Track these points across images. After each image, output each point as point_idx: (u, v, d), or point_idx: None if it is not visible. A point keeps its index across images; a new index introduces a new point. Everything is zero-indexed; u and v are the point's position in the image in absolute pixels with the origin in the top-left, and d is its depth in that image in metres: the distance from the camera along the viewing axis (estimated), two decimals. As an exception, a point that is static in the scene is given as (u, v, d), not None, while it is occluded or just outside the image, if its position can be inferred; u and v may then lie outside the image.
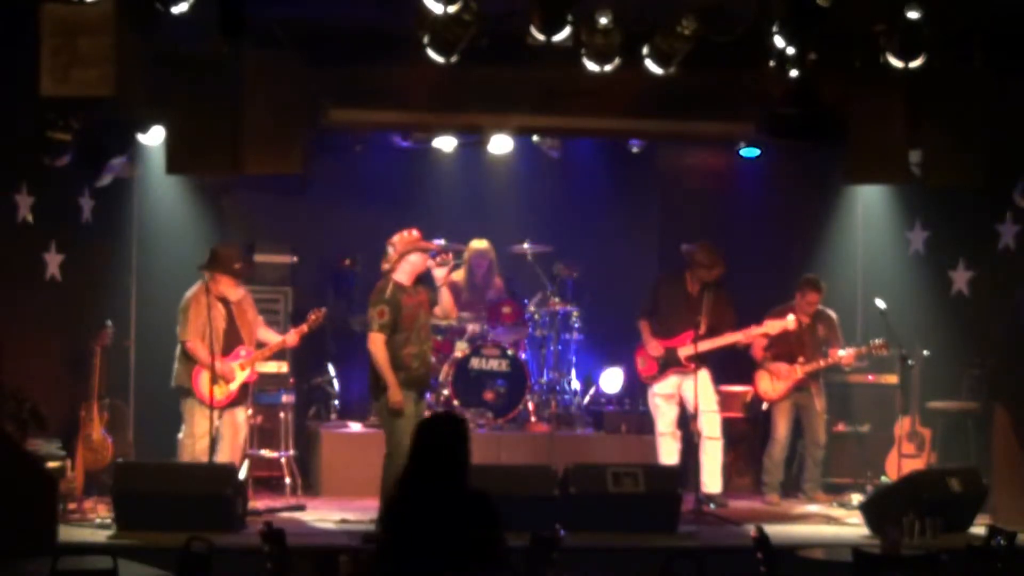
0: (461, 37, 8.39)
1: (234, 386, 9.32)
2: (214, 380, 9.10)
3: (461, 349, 10.96)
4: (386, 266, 8.58)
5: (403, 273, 8.50)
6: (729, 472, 10.45)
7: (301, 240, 11.57)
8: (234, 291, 9.41)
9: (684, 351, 9.87)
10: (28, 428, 8.83)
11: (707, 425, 9.82)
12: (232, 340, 9.38)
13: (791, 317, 10.02)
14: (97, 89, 7.96)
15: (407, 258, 8.51)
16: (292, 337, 9.59)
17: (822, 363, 10.25)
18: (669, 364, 9.95)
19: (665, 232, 12.10)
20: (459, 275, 11.17)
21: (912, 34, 8.51)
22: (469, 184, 12.10)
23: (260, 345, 9.57)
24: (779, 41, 8.51)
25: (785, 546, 7.28)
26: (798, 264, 11.09)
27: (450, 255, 8.79)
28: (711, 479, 9.87)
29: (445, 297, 8.67)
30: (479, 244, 11.39)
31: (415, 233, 8.65)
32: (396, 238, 8.60)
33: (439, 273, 8.59)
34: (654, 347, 9.96)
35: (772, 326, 10.01)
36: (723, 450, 9.97)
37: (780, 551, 6.71)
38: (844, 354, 10.19)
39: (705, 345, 9.79)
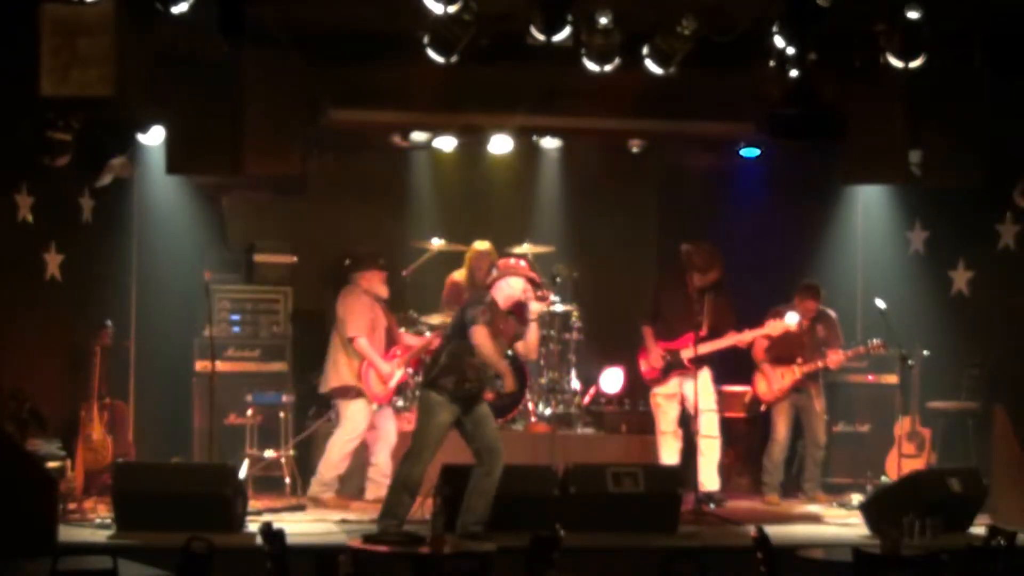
0: (461, 37, 8.40)
1: (392, 384, 9.56)
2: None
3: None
4: (487, 281, 8.53)
5: (500, 295, 8.43)
6: (729, 472, 10.45)
7: (301, 240, 11.58)
8: (384, 287, 9.67)
9: (686, 353, 9.86)
10: (28, 428, 8.83)
11: (705, 424, 9.82)
12: (389, 340, 9.63)
13: (793, 317, 10.00)
14: (97, 89, 7.97)
15: (507, 280, 8.40)
16: (436, 340, 9.80)
17: (820, 364, 10.25)
18: (672, 367, 9.94)
19: (665, 232, 12.11)
20: (461, 275, 11.16)
21: (912, 34, 8.52)
22: (469, 184, 12.11)
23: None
24: (779, 41, 8.52)
25: (785, 546, 7.28)
26: (798, 264, 11.10)
27: (549, 293, 8.67)
28: (708, 477, 9.87)
29: (533, 333, 8.50)
30: (481, 245, 11.38)
31: (523, 263, 8.57)
32: (502, 261, 8.61)
33: (535, 307, 8.49)
34: (656, 358, 9.94)
35: (774, 327, 10.00)
36: (720, 448, 9.97)
37: (780, 551, 6.71)
38: (833, 364, 10.21)
39: (707, 347, 9.79)
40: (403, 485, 8.23)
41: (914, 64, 8.61)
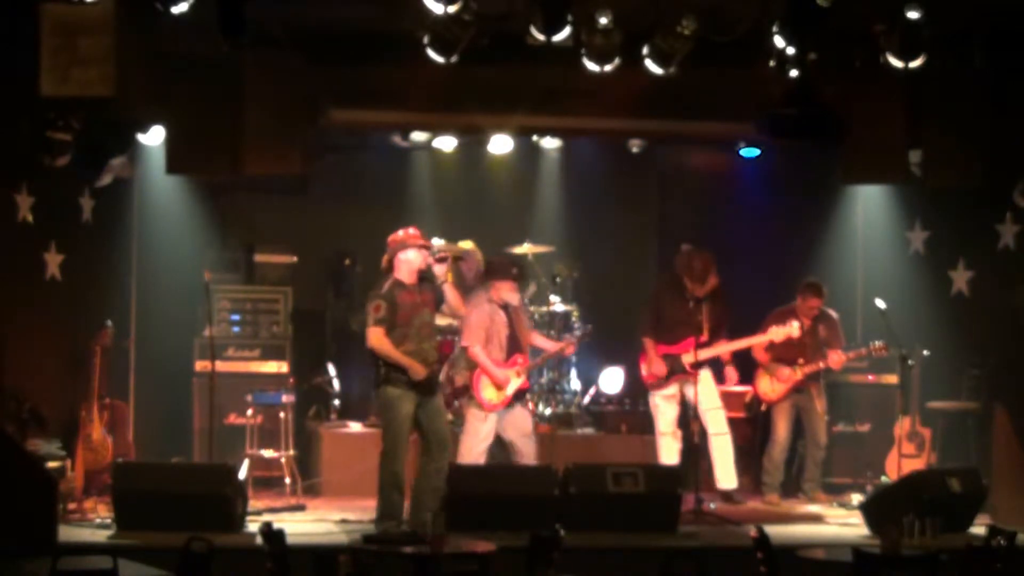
0: (461, 37, 8.40)
1: (509, 391, 9.53)
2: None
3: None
4: (384, 265, 8.56)
5: (402, 271, 8.48)
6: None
7: (301, 240, 11.57)
8: (514, 295, 9.66)
9: (687, 358, 9.84)
10: (28, 428, 8.83)
11: (712, 421, 9.84)
12: (512, 347, 9.62)
13: (795, 324, 10.01)
14: (97, 89, 7.97)
15: (401, 256, 8.48)
16: (571, 347, 9.99)
17: (821, 364, 10.24)
18: (674, 372, 9.92)
19: (665, 232, 12.11)
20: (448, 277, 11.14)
21: (912, 34, 8.51)
22: (469, 184, 12.11)
23: (536, 352, 9.79)
24: (779, 41, 8.51)
25: (785, 546, 7.28)
26: (798, 264, 11.10)
27: (448, 251, 8.79)
28: (725, 475, 9.89)
29: (450, 293, 8.65)
30: (465, 245, 11.40)
31: (411, 231, 8.61)
32: (390, 237, 8.58)
33: (439, 270, 8.58)
34: (658, 366, 9.93)
35: (776, 333, 10.01)
36: (733, 444, 9.97)
37: (780, 551, 6.72)
38: (835, 365, 10.21)
39: (709, 352, 9.80)
40: (391, 485, 8.27)
41: (914, 64, 8.61)
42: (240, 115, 8.81)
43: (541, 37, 8.36)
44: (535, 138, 11.56)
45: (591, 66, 8.70)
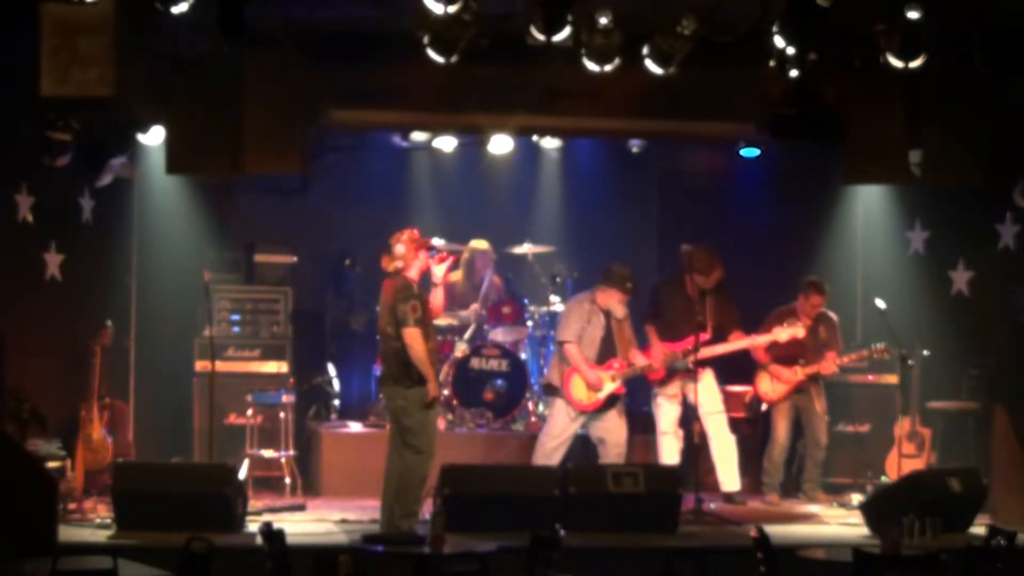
0: (461, 37, 8.40)
1: (602, 395, 9.59)
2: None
3: (461, 349, 10.95)
4: (397, 264, 8.48)
5: (414, 271, 8.48)
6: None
7: (301, 240, 11.57)
8: (621, 307, 9.73)
9: (690, 355, 9.84)
10: (28, 428, 8.83)
11: (714, 426, 9.84)
12: (606, 351, 9.68)
13: (800, 326, 10.02)
14: (97, 89, 7.98)
15: (419, 255, 8.49)
16: (658, 365, 9.90)
17: (820, 366, 10.24)
18: (676, 369, 9.93)
19: (665, 232, 12.11)
20: (456, 275, 11.15)
21: (912, 34, 8.52)
22: (469, 184, 12.11)
23: (630, 364, 9.81)
24: (779, 41, 8.51)
25: (785, 546, 7.29)
26: (798, 264, 11.10)
27: (449, 255, 8.82)
28: (728, 478, 9.90)
29: (437, 296, 8.66)
30: (479, 244, 11.39)
31: (416, 232, 8.63)
32: (405, 236, 8.55)
33: (438, 271, 8.59)
34: (658, 356, 9.93)
35: (781, 333, 10.00)
36: (736, 446, 9.97)
37: (780, 551, 6.72)
38: (827, 370, 10.20)
39: (715, 350, 9.80)
40: (419, 485, 8.31)
41: (914, 64, 8.61)
42: (240, 115, 8.80)
43: (541, 37, 8.36)
44: (535, 138, 11.56)
45: (591, 66, 8.70)
